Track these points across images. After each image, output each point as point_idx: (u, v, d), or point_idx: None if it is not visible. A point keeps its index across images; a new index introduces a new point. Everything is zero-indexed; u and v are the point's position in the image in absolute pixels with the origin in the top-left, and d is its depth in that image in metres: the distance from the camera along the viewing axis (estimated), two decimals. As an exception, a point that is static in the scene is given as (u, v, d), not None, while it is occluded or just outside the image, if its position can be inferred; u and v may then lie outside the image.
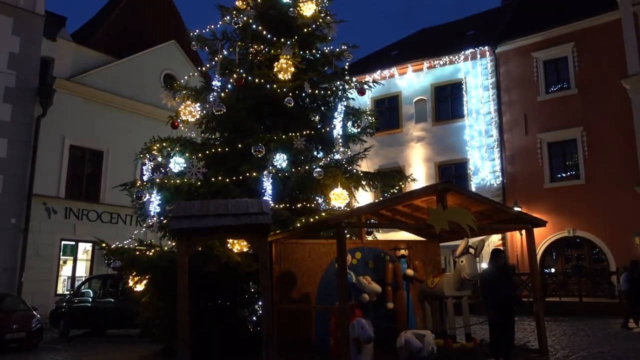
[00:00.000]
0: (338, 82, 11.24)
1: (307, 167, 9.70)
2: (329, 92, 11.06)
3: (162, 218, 9.83)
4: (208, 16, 12.12)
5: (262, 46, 10.84)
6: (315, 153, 10.79)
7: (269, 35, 10.82)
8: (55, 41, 18.74)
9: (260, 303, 8.51)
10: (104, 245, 9.62)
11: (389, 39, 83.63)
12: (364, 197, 14.21)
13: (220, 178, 9.50)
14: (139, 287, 9.47)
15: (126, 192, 10.46)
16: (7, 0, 17.57)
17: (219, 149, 10.08)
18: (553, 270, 19.92)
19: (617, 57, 18.68)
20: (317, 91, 10.83)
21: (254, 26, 10.97)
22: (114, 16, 22.97)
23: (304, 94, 10.61)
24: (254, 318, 9.26)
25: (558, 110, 19.95)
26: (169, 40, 22.43)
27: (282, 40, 10.54)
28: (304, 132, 10.14)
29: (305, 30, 11.16)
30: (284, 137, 9.77)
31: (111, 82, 19.98)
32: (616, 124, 18.52)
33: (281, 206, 9.52)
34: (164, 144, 10.26)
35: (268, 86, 10.25)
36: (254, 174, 9.40)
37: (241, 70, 10.28)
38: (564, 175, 20.07)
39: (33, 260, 17.06)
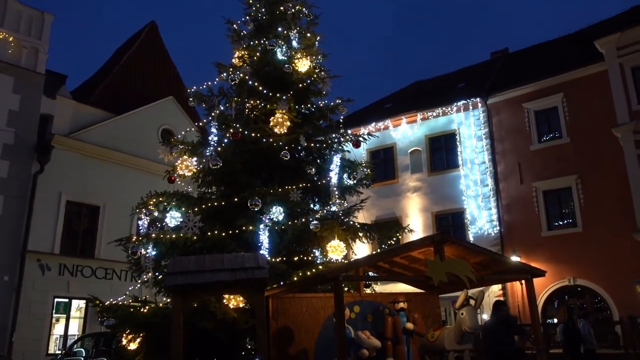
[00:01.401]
0: (333, 135, 11.39)
1: (303, 220, 9.68)
2: (324, 145, 11.20)
3: (157, 273, 9.71)
4: (205, 72, 12.44)
5: (258, 101, 11.03)
6: (311, 205, 10.81)
7: (264, 91, 11.04)
8: (54, 99, 19.08)
9: (257, 360, 8.29)
10: (97, 302, 9.44)
11: (379, 90, 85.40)
12: (362, 248, 14.11)
13: (216, 232, 9.45)
14: (133, 346, 9.23)
15: (121, 247, 10.36)
16: (9, 59, 18.03)
17: (215, 203, 10.08)
18: (555, 320, 19.56)
19: (606, 106, 19.06)
20: (312, 144, 10.95)
21: (250, 82, 11.23)
22: (114, 73, 23.49)
23: (299, 147, 10.70)
24: (251, 376, 9.00)
25: (551, 159, 20.16)
26: (167, 96, 22.86)
27: (278, 95, 10.74)
28: (300, 185, 10.17)
29: (300, 85, 11.41)
30: (280, 190, 9.79)
31: (109, 138, 20.19)
32: (610, 171, 18.69)
33: (278, 259, 9.43)
34: (161, 199, 10.25)
35: (264, 140, 10.36)
36: (251, 227, 9.37)
37: (237, 125, 10.41)
38: (561, 223, 20.04)
39: (25, 319, 16.69)
